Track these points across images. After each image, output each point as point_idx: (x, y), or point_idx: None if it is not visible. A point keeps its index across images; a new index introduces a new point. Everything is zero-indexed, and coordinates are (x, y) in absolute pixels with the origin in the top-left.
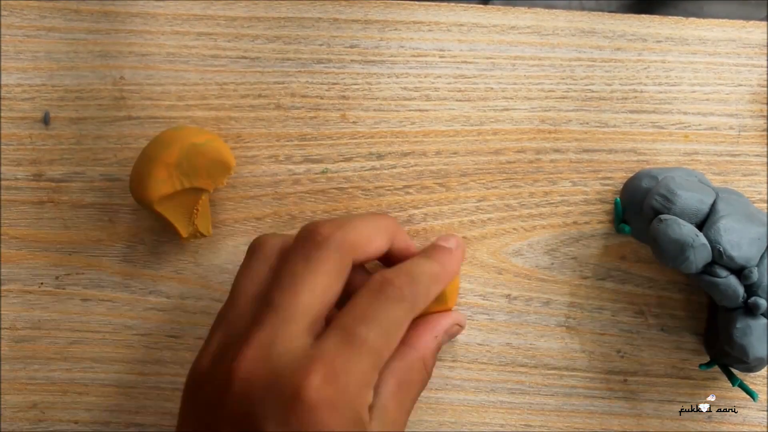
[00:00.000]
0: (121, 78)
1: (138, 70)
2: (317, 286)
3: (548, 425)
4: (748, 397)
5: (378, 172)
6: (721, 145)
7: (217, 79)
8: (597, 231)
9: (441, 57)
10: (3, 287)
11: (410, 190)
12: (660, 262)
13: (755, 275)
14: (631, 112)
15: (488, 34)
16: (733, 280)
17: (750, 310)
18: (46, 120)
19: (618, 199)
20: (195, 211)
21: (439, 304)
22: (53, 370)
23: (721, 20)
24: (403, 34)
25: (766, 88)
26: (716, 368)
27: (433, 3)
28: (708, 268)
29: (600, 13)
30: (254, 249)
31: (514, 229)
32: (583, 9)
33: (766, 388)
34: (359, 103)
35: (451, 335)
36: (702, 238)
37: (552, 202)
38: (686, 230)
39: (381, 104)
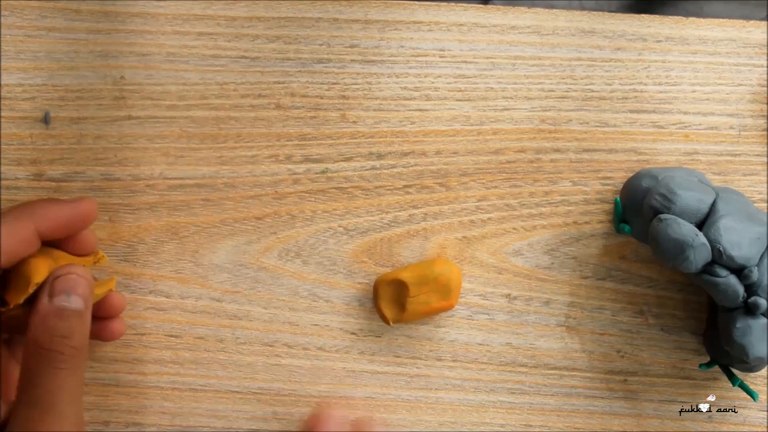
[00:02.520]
0: (121, 78)
1: (138, 70)
2: None
3: (548, 425)
4: (748, 397)
5: (378, 171)
6: (722, 144)
7: (217, 79)
8: (597, 231)
9: (441, 57)
10: None
11: (410, 190)
12: (660, 261)
13: (755, 275)
14: (632, 111)
15: (488, 34)
16: (733, 280)
17: (750, 310)
18: (46, 120)
19: (618, 198)
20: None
21: (443, 299)
22: None
23: (721, 20)
24: (403, 33)
25: (766, 88)
26: (716, 368)
27: (433, 3)
28: (708, 268)
29: (600, 12)
30: None
31: (514, 228)
32: (583, 9)
33: (766, 388)
34: (359, 102)
35: (69, 288)
36: (702, 238)
37: (552, 201)
38: (686, 230)
39: (381, 104)
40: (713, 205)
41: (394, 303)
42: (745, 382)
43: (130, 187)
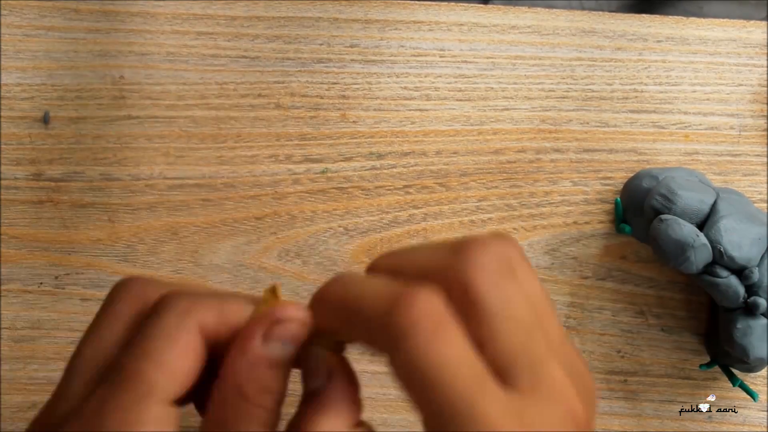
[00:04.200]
0: (120, 77)
1: (138, 70)
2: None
3: None
4: (748, 397)
5: (378, 171)
6: (722, 144)
7: (217, 79)
8: (597, 231)
9: (441, 56)
10: (3, 287)
11: (410, 190)
12: (661, 262)
13: (756, 275)
14: (632, 111)
15: (488, 34)
16: (733, 281)
17: (750, 310)
18: (45, 119)
19: (618, 199)
20: None
21: None
22: (53, 370)
23: (721, 20)
24: (404, 33)
25: (766, 88)
26: (716, 368)
27: (433, 2)
28: (708, 268)
29: (600, 12)
30: (111, 298)
31: (515, 229)
32: (583, 9)
33: (766, 388)
34: (359, 102)
35: (287, 336)
36: (702, 238)
37: (552, 201)
38: (687, 230)
39: (381, 104)
40: (714, 205)
41: None
42: (745, 382)
43: (130, 187)
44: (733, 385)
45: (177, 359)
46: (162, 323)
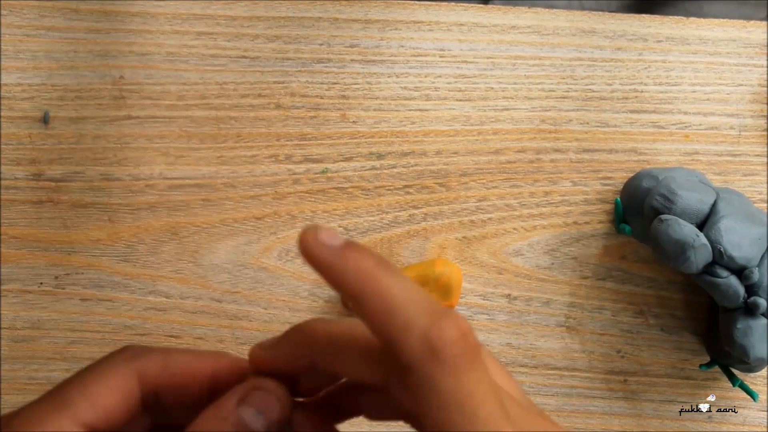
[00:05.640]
0: (120, 77)
1: (138, 70)
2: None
3: None
4: (748, 397)
5: (378, 171)
6: (722, 145)
7: (217, 79)
8: (597, 231)
9: (441, 57)
10: (2, 287)
11: (410, 190)
12: (660, 262)
13: (756, 275)
14: (632, 111)
15: (488, 34)
16: (733, 281)
17: (750, 310)
18: (45, 119)
19: (618, 199)
20: None
21: (443, 300)
22: (53, 370)
23: (721, 20)
24: (404, 33)
25: (766, 88)
26: (716, 368)
27: (433, 3)
28: (708, 269)
29: (600, 12)
30: None
31: (515, 229)
32: (583, 9)
33: (766, 389)
34: (359, 102)
35: (263, 407)
36: (702, 239)
37: (552, 202)
38: (687, 230)
39: (381, 104)
40: (714, 205)
41: None
42: (745, 383)
43: (130, 187)
44: (733, 385)
45: (103, 392)
46: (100, 365)
